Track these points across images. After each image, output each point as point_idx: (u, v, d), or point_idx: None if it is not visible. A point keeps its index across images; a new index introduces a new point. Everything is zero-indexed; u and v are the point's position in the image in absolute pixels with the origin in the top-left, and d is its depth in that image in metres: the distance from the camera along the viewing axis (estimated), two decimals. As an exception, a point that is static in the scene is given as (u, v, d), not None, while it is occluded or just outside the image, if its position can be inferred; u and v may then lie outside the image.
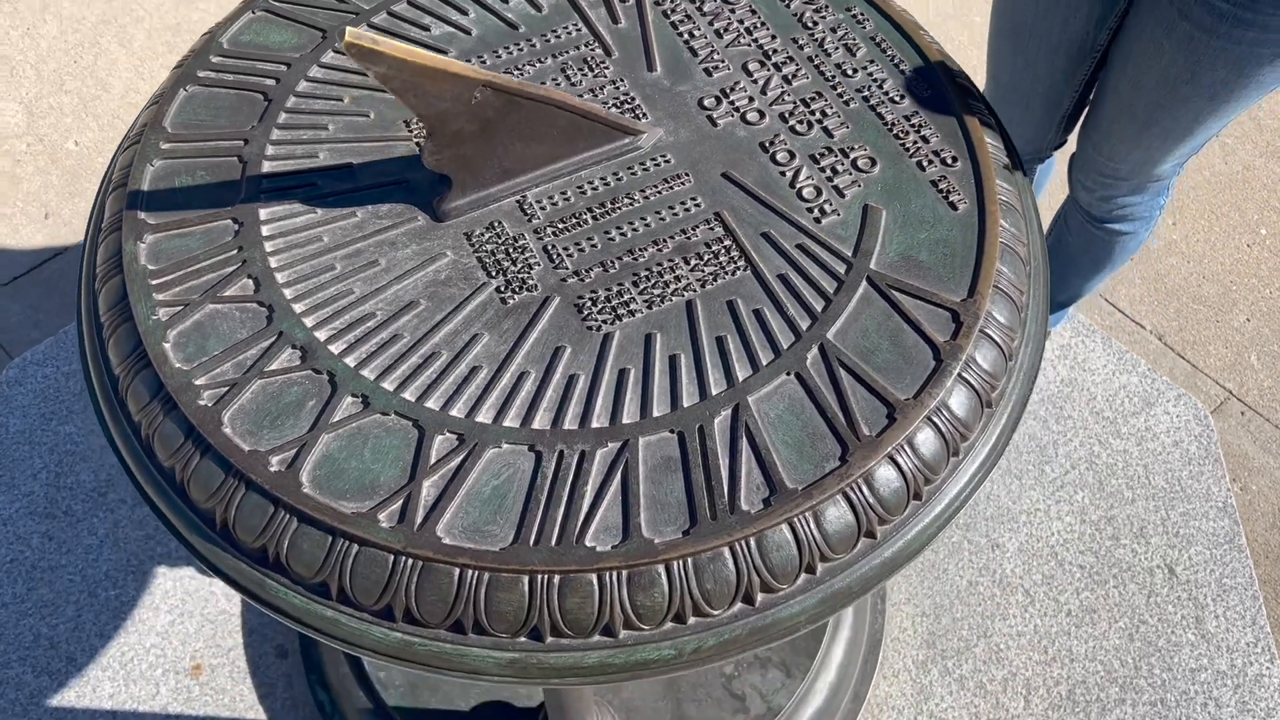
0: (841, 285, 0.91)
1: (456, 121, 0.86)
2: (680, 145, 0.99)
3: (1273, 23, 1.19)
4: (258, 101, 1.00)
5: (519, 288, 0.90)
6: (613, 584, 0.78)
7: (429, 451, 0.82)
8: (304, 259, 0.91)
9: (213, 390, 0.84)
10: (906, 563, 0.85)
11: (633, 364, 0.87)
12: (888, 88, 1.02)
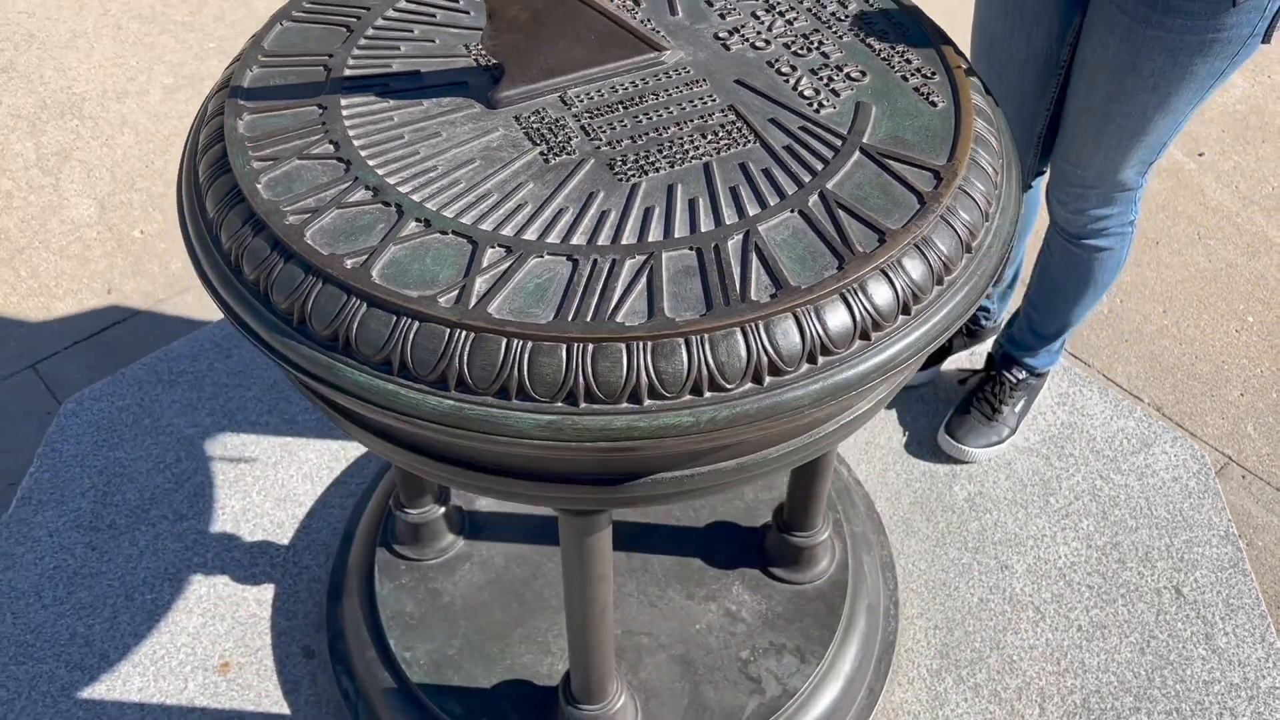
0: (838, 153, 1.06)
1: (512, 7, 1.04)
2: (698, 62, 1.16)
3: (1197, 9, 1.38)
4: (341, 32, 1.19)
5: (559, 152, 1.05)
6: (639, 351, 0.89)
7: (481, 258, 0.95)
8: (377, 131, 1.07)
9: (296, 215, 0.98)
10: (898, 369, 0.96)
11: (657, 204, 1.00)
12: (876, 27, 1.21)
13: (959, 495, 2.00)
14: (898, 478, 2.03)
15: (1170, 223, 2.85)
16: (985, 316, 2.15)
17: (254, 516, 1.96)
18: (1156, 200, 2.90)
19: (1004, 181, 1.09)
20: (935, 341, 0.98)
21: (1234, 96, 3.23)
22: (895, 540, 1.93)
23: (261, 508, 1.97)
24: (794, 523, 1.68)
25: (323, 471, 2.03)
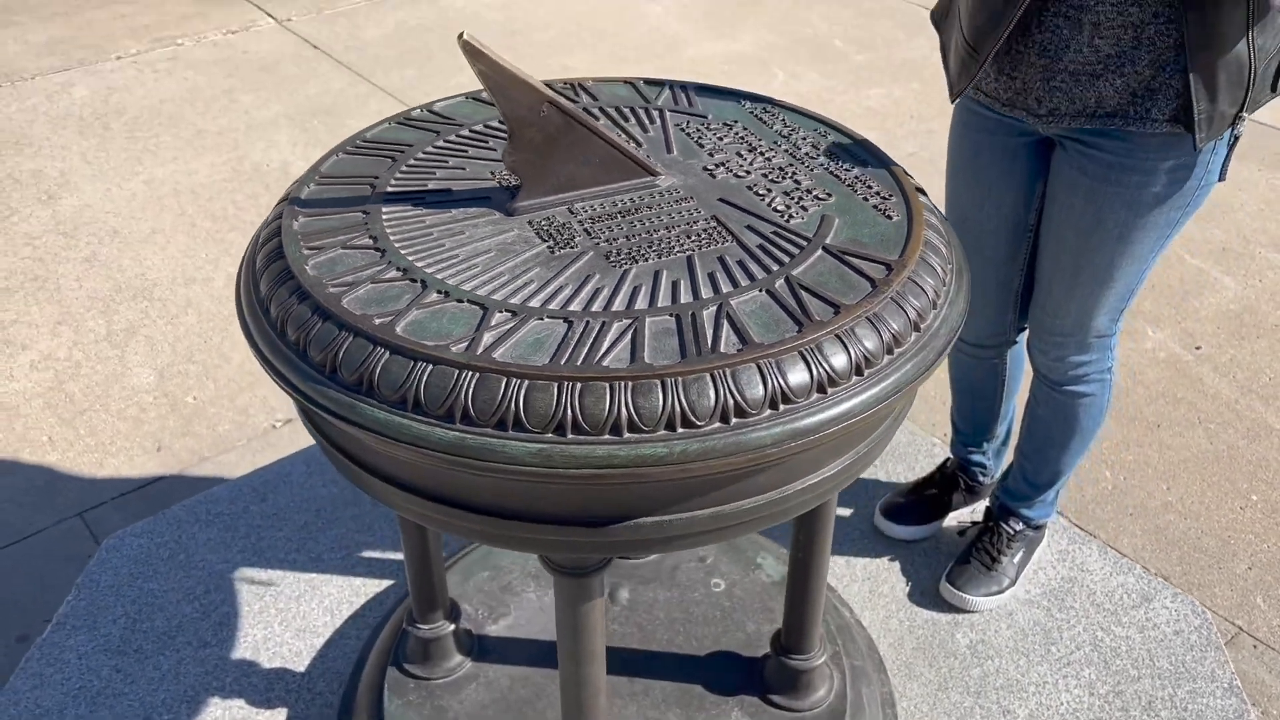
0: (803, 250, 1.22)
1: (529, 130, 1.24)
2: (688, 185, 1.35)
3: (1152, 166, 1.57)
4: (386, 161, 1.40)
5: (564, 246, 1.23)
6: (621, 390, 1.02)
7: (490, 319, 1.11)
8: (410, 229, 1.26)
9: (336, 288, 1.15)
10: (853, 420, 1.08)
11: (645, 283, 1.17)
12: (843, 161, 1.40)
13: (961, 642, 2.04)
14: (900, 624, 2.07)
15: (1171, 408, 2.97)
16: (982, 472, 2.25)
17: (274, 645, 2.03)
18: (1156, 388, 3.02)
19: (952, 281, 1.24)
20: (887, 401, 1.10)
21: (1227, 297, 3.41)
22: (897, 683, 1.95)
23: (282, 637, 2.04)
24: (791, 645, 1.73)
25: (343, 606, 2.11)
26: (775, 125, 1.49)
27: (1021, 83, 1.59)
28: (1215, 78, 1.46)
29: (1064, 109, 1.57)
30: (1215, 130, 1.51)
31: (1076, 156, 1.62)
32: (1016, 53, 1.57)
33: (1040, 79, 1.57)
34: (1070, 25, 1.50)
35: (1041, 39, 1.54)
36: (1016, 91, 1.61)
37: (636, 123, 1.50)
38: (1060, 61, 1.54)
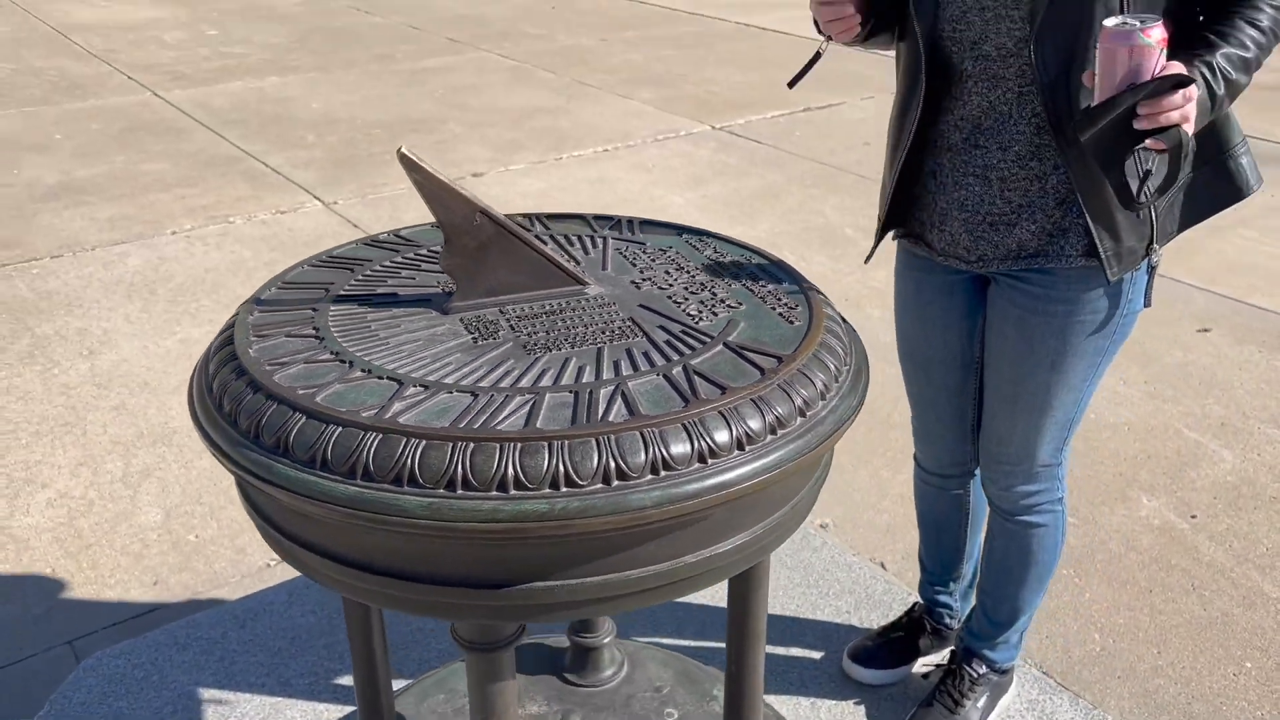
0: (705, 345, 1.32)
1: (463, 236, 1.38)
2: (613, 294, 1.47)
3: (1075, 296, 1.66)
4: (346, 273, 1.54)
5: (488, 337, 1.34)
6: (510, 450, 1.11)
7: (403, 392, 1.21)
8: (351, 323, 1.38)
9: (271, 366, 1.27)
10: (733, 490, 1.15)
11: (553, 367, 1.27)
12: (760, 281, 1.51)
13: (922, 788, 1.98)
14: (861, 768, 2.03)
15: (1164, 574, 2.93)
16: (949, 614, 2.24)
17: (231, 765, 2.04)
18: (1150, 553, 3.00)
19: (846, 379, 1.33)
20: (767, 477, 1.17)
21: (1225, 470, 3.41)
22: (853, 826, 1.90)
23: (240, 758, 2.05)
24: (730, 768, 1.71)
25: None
26: (706, 251, 1.62)
27: (950, 235, 1.72)
28: (1113, 219, 1.57)
29: (990, 255, 1.69)
30: (1126, 264, 1.61)
31: (1007, 290, 1.73)
32: (943, 210, 1.71)
33: (965, 231, 1.69)
34: (981, 183, 1.64)
35: (960, 196, 1.68)
36: (948, 243, 1.74)
37: (580, 247, 1.63)
38: (979, 214, 1.67)
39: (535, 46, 8.17)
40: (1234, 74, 1.45)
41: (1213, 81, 1.43)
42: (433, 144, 5.96)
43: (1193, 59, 1.44)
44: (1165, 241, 1.63)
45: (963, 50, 1.59)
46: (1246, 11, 1.49)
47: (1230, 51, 1.46)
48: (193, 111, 6.45)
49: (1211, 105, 1.43)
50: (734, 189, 5.35)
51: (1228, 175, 1.64)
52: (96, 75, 7.20)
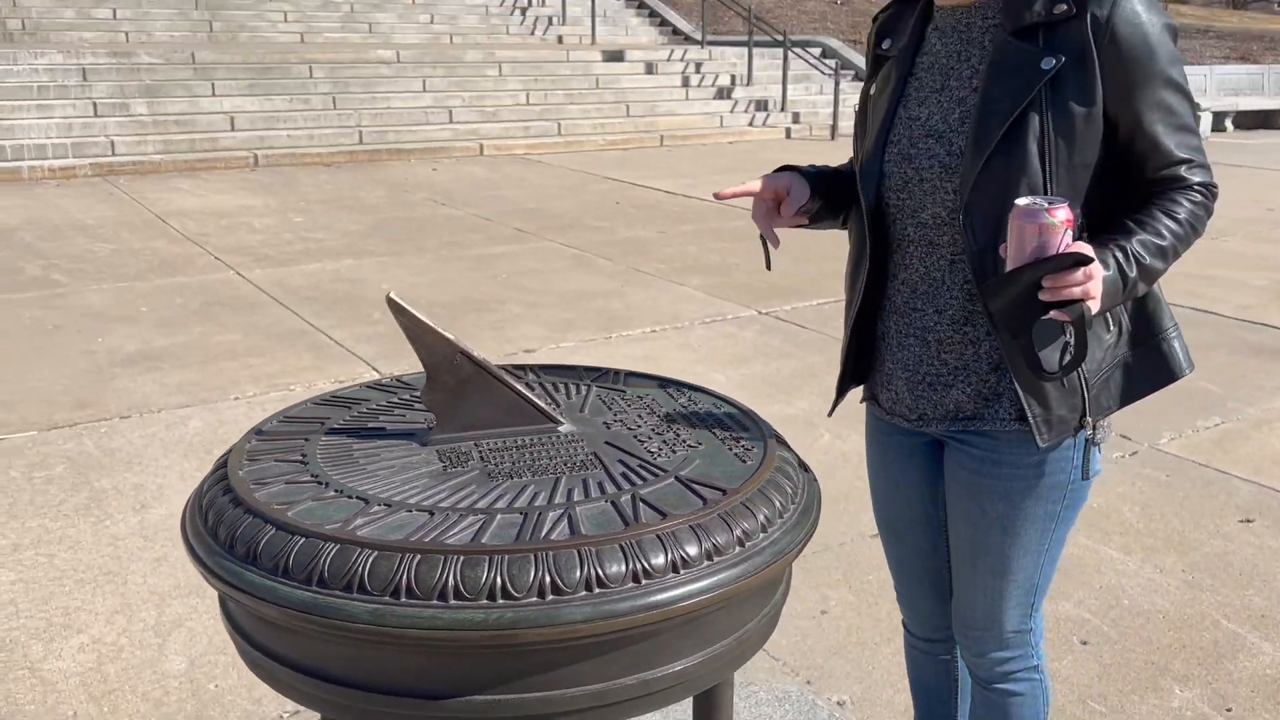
0: (658, 478, 1.40)
1: (443, 374, 1.50)
2: (584, 433, 1.56)
3: (1017, 460, 1.70)
4: (345, 411, 1.67)
5: (457, 465, 1.44)
6: (452, 562, 1.19)
7: (368, 509, 1.31)
8: (336, 451, 1.49)
9: (255, 485, 1.38)
10: (667, 611, 1.20)
11: (510, 492, 1.36)
12: (725, 426, 1.60)
13: None
14: None
15: (1198, 768, 2.79)
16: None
17: None
18: (1183, 746, 2.87)
19: (793, 515, 1.39)
20: (701, 598, 1.23)
21: (1264, 663, 3.28)
22: None
23: None
24: None
25: None
26: (680, 399, 1.72)
27: (895, 394, 1.80)
28: (1041, 386, 1.62)
29: (930, 414, 1.76)
30: (1058, 432, 1.66)
31: (956, 452, 1.78)
32: (889, 370, 1.80)
33: (907, 390, 1.77)
34: (921, 344, 1.73)
35: (903, 356, 1.76)
36: (893, 402, 1.81)
37: (564, 393, 1.75)
38: (919, 374, 1.75)
39: (596, 237, 8.58)
40: (1148, 259, 1.54)
41: (1124, 265, 1.52)
42: (491, 322, 6.24)
43: (1108, 242, 1.54)
44: (1100, 415, 1.68)
45: (904, 218, 1.71)
46: (1165, 204, 1.59)
47: (1145, 238, 1.55)
48: (270, 289, 6.86)
49: (1124, 286, 1.52)
50: (775, 369, 5.49)
51: (1161, 357, 1.71)
52: (187, 255, 7.74)
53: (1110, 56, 1.56)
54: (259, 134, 12.06)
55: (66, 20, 14.85)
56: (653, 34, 18.49)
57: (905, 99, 1.73)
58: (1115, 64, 1.56)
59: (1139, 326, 1.71)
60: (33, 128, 11.28)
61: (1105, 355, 1.67)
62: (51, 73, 12.05)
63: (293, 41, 15.34)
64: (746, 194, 1.73)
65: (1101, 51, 1.56)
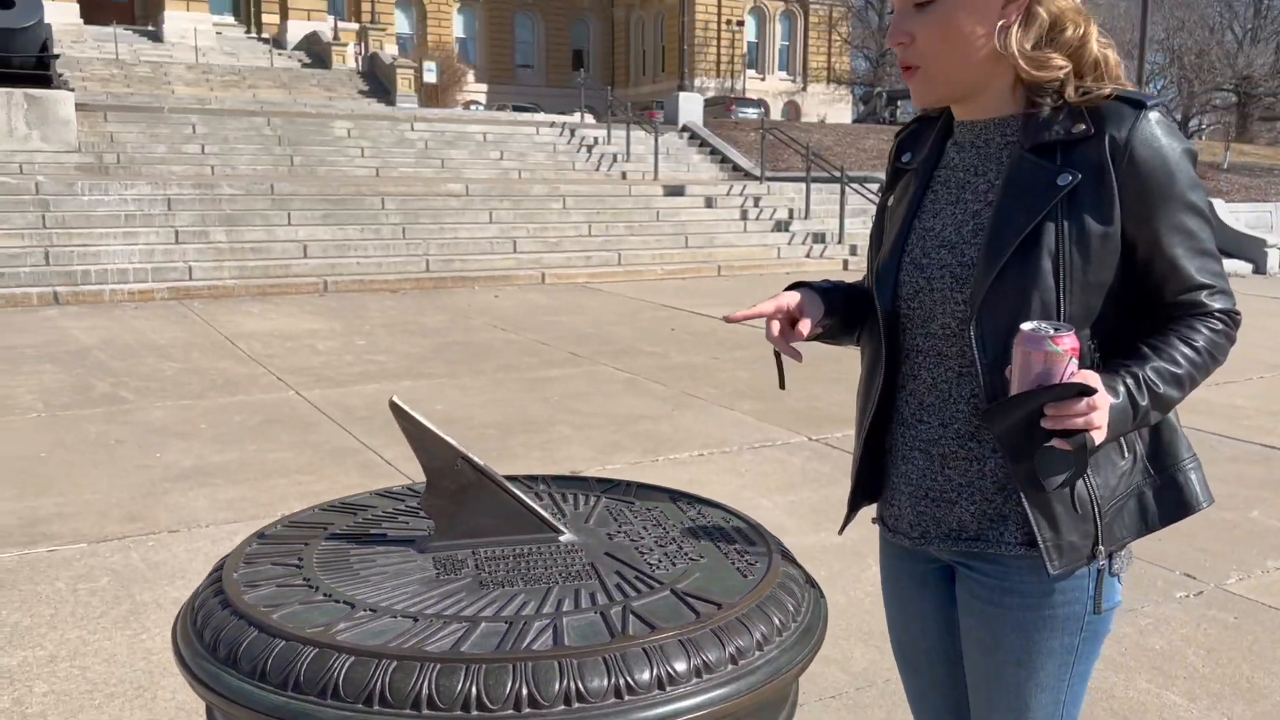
0: (653, 590, 1.36)
1: (444, 479, 1.49)
2: (585, 544, 1.53)
3: (1028, 589, 1.62)
4: (351, 516, 1.66)
5: (450, 572, 1.41)
6: (428, 670, 1.15)
7: (354, 614, 1.28)
8: (333, 556, 1.48)
9: (246, 588, 1.36)
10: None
11: (498, 600, 1.32)
12: (731, 540, 1.55)
13: None
14: None
15: None
16: None
17: None
18: None
19: (793, 634, 1.33)
20: (689, 716, 1.17)
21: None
22: None
23: None
24: None
25: None
26: (690, 512, 1.68)
27: (898, 510, 1.74)
28: (1051, 509, 1.56)
29: (932, 532, 1.69)
30: (1069, 559, 1.58)
31: (966, 580, 1.70)
32: (893, 484, 1.75)
33: (909, 505, 1.71)
34: (925, 457, 1.68)
35: (906, 470, 1.71)
36: (895, 518, 1.75)
37: (572, 503, 1.72)
38: (921, 489, 1.69)
39: (650, 362, 8.63)
40: (1161, 387, 1.50)
41: (1135, 392, 1.48)
42: (540, 442, 6.25)
43: (1119, 368, 1.50)
44: (1114, 546, 1.60)
45: (915, 327, 1.69)
46: (1183, 330, 1.55)
47: (1160, 366, 1.51)
48: (326, 408, 6.98)
49: (1134, 415, 1.48)
50: (823, 495, 5.38)
51: (1177, 488, 1.64)
52: (250, 376, 7.93)
53: (1128, 178, 1.55)
54: (330, 261, 12.49)
55: (158, 155, 15.70)
56: (714, 170, 18.96)
57: (921, 210, 1.73)
58: (1133, 185, 1.55)
59: (1155, 455, 1.64)
60: (118, 253, 11.82)
61: (1119, 482, 1.61)
62: (139, 202, 12.68)
63: (368, 175, 16.01)
64: (758, 316, 1.72)
65: (1120, 172, 1.54)
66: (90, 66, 26.43)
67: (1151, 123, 1.56)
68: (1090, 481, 1.57)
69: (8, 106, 15.11)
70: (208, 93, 24.44)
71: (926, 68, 1.62)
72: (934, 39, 1.58)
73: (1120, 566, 1.65)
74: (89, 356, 8.54)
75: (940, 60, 1.61)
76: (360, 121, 18.08)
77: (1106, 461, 1.58)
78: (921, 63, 1.62)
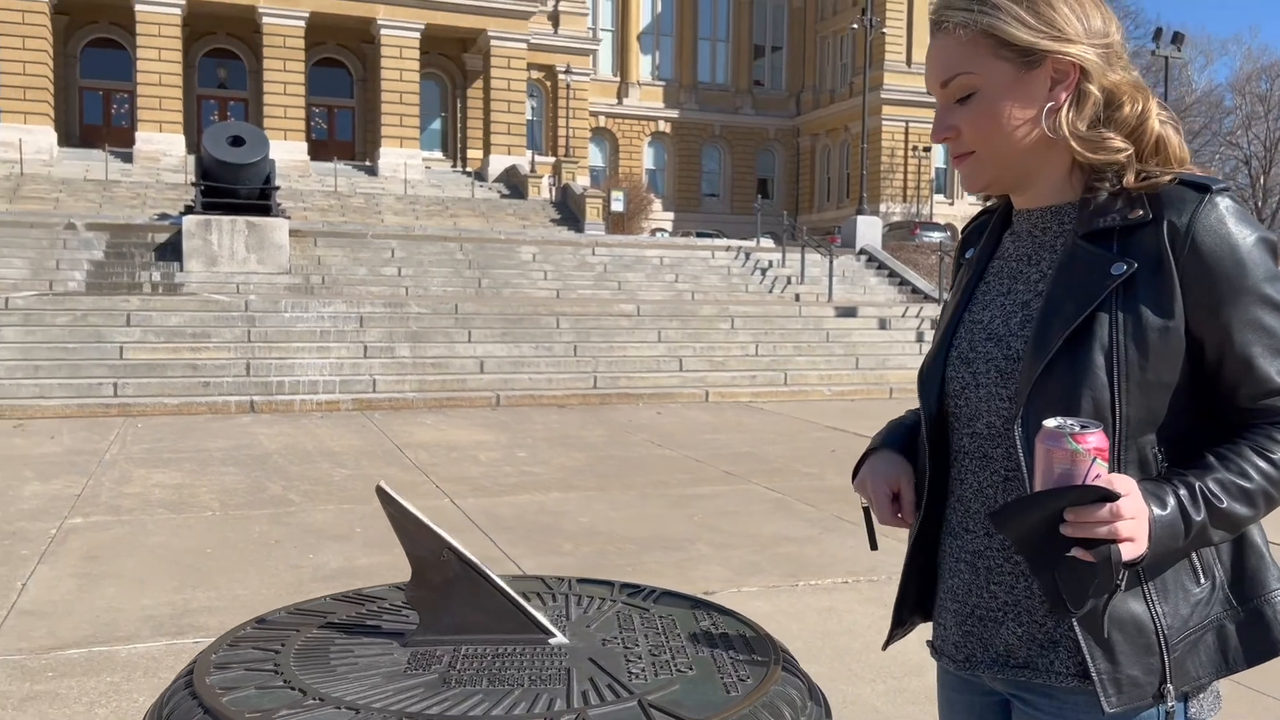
0: (618, 700, 1.25)
1: (429, 570, 1.44)
2: (575, 648, 1.44)
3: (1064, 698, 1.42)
4: (357, 606, 1.63)
5: (420, 668, 1.35)
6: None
7: (302, 703, 1.24)
8: (313, 652, 1.44)
9: (214, 675, 1.34)
10: None
11: (451, 700, 1.26)
12: (734, 653, 1.43)
13: None
14: None
15: None
16: None
17: None
18: None
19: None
20: None
21: None
22: None
23: None
24: None
25: None
26: (704, 622, 1.57)
27: (943, 629, 1.57)
28: (1107, 639, 1.37)
29: (979, 656, 1.51)
30: (1130, 697, 1.36)
31: (1019, 714, 1.51)
32: (941, 601, 1.58)
33: (955, 625, 1.54)
34: (970, 570, 1.51)
35: (952, 584, 1.55)
36: (941, 639, 1.58)
37: (584, 605, 1.64)
38: (967, 606, 1.52)
39: (803, 483, 8.40)
40: (1224, 502, 1.31)
41: (1188, 505, 1.30)
42: (676, 560, 6.13)
43: (1175, 477, 1.33)
44: (1187, 684, 1.38)
45: (960, 427, 1.55)
46: (1259, 439, 1.36)
47: (1225, 478, 1.33)
48: (476, 517, 7.10)
49: (1185, 531, 1.30)
50: (969, 631, 5.01)
51: (1264, 624, 1.40)
52: (410, 483, 8.20)
53: (1190, 267, 1.39)
54: (504, 377, 12.92)
55: (359, 276, 16.84)
56: (891, 293, 18.70)
57: (973, 303, 1.61)
58: (1197, 276, 1.39)
59: (1238, 583, 1.42)
60: (310, 366, 12.62)
61: (1193, 613, 1.40)
62: (334, 319, 13.57)
63: (549, 296, 16.63)
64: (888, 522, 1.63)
65: (1180, 261, 1.39)
66: (312, 198, 28.87)
67: (1219, 208, 1.40)
68: (1155, 608, 1.38)
69: (231, 232, 16.64)
70: (413, 221, 26.22)
71: (979, 154, 1.52)
72: (980, 131, 1.48)
73: (1199, 710, 1.42)
74: (269, 461, 9.05)
75: (990, 148, 1.51)
76: (545, 246, 18.90)
77: (1177, 587, 1.39)
78: (974, 148, 1.52)
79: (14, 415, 10.87)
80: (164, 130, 32.72)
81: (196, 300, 13.96)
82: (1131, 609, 1.38)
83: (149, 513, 7.09)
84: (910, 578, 1.64)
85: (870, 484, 1.65)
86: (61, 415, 10.96)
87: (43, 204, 24.00)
